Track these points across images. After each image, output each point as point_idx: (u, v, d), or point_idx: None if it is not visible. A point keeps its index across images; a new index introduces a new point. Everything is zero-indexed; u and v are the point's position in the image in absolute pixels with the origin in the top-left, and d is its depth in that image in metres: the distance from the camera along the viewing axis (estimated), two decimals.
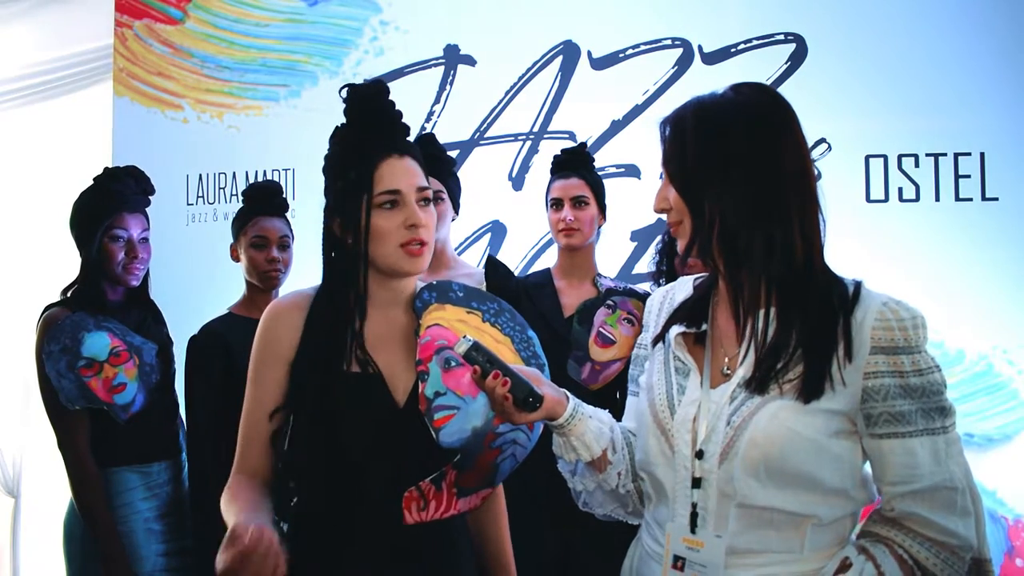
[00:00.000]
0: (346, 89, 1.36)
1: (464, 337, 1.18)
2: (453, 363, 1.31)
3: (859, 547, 1.09)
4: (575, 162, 2.32)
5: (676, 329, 1.21)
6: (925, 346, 1.07)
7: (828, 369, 1.06)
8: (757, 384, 1.09)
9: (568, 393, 1.22)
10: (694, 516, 1.12)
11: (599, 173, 2.94)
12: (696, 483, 1.11)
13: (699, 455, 1.11)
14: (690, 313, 1.21)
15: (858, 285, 1.11)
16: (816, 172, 1.15)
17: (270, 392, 1.31)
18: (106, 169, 2.24)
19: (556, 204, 2.28)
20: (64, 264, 2.52)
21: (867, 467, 1.12)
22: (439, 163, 2.34)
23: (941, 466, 1.05)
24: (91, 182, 2.17)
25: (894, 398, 1.05)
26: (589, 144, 2.98)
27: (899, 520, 1.08)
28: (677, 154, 1.15)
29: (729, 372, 1.14)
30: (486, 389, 1.17)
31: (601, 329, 2.19)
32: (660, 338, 1.24)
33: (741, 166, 1.09)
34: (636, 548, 1.26)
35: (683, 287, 1.30)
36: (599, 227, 2.33)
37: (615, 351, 2.19)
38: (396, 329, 1.35)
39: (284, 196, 2.34)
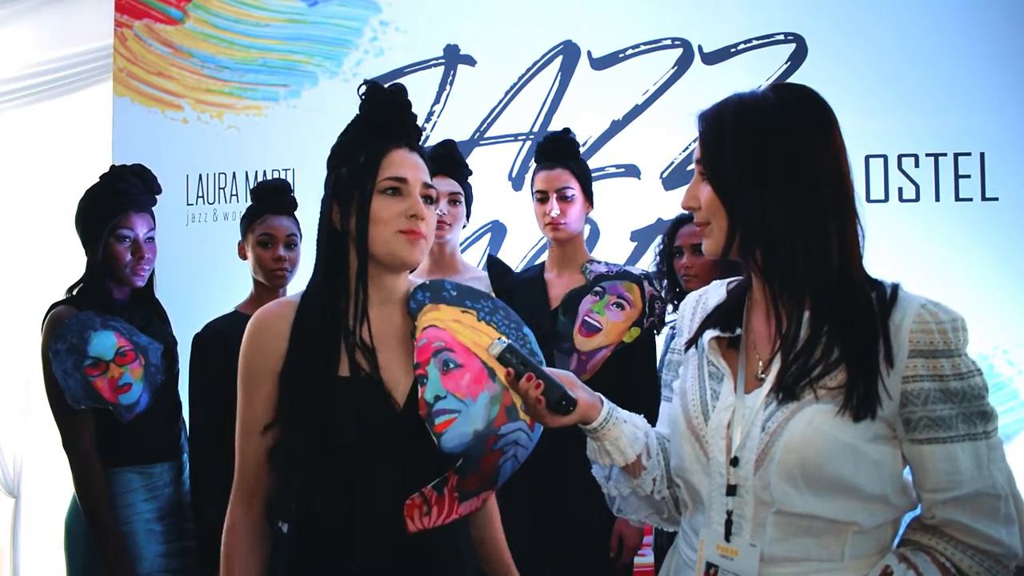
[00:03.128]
0: (365, 85, 1.35)
1: (499, 339, 1.17)
2: (452, 365, 1.29)
3: (900, 555, 1.06)
4: (560, 151, 2.22)
5: (710, 333, 1.19)
6: (966, 349, 1.05)
7: (877, 388, 1.03)
8: (790, 389, 1.07)
9: (602, 397, 1.21)
10: (729, 524, 1.10)
11: (599, 173, 2.97)
12: (731, 490, 1.10)
13: (734, 462, 1.09)
14: (724, 317, 1.19)
15: (895, 288, 1.09)
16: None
17: (260, 408, 1.29)
18: (112, 168, 2.23)
19: (541, 196, 2.20)
20: (65, 264, 2.52)
21: (907, 473, 1.09)
22: (459, 167, 2.34)
23: (983, 472, 1.02)
24: (97, 180, 2.16)
25: (934, 403, 1.02)
26: (589, 144, 2.99)
27: (940, 528, 1.05)
28: (716, 153, 1.11)
29: (763, 376, 1.12)
30: (519, 392, 1.15)
31: (586, 318, 2.13)
32: (693, 342, 1.22)
33: (782, 171, 1.07)
34: (673, 556, 1.24)
35: (716, 291, 1.27)
36: (587, 215, 2.25)
37: (601, 338, 2.13)
38: (391, 330, 1.32)
39: (293, 195, 2.33)
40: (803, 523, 1.06)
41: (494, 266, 2.40)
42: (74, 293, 2.13)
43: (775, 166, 1.08)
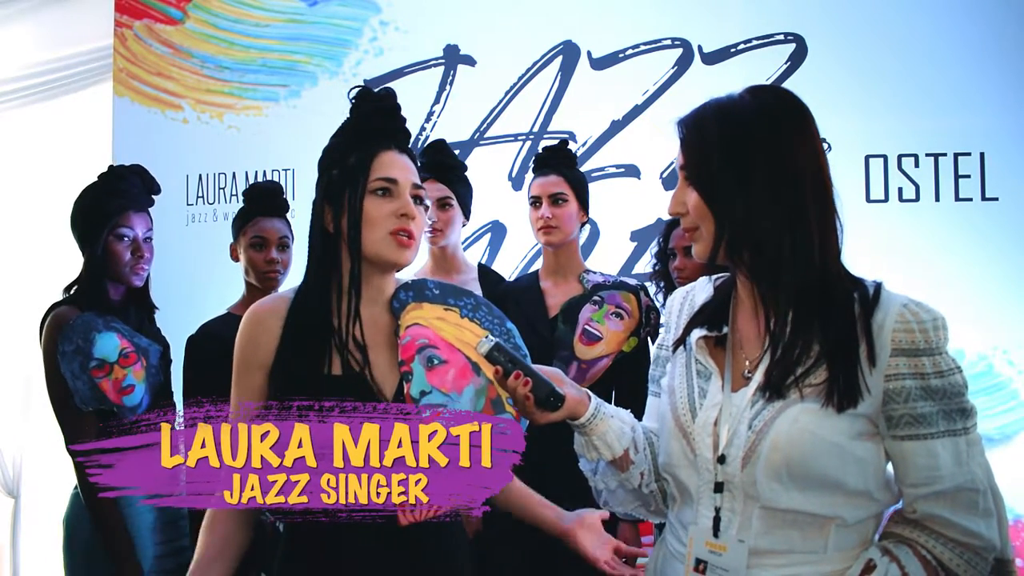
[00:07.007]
0: (356, 89, 1.39)
1: (486, 337, 1.19)
2: (436, 361, 1.32)
3: (882, 548, 1.08)
4: (554, 160, 2.27)
5: (697, 333, 1.20)
6: (946, 347, 1.07)
7: (858, 378, 1.05)
8: (776, 388, 1.08)
9: (590, 392, 1.22)
10: (717, 520, 1.12)
11: (599, 173, 2.97)
12: (719, 487, 1.12)
13: (721, 460, 1.11)
14: (711, 316, 1.21)
15: (878, 287, 1.10)
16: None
17: (248, 396, 1.32)
18: (111, 167, 2.23)
19: (535, 202, 2.23)
20: (64, 264, 2.51)
21: (890, 468, 1.12)
22: (449, 170, 2.34)
23: (963, 467, 1.05)
24: (96, 180, 2.16)
25: (915, 400, 1.05)
26: (589, 144, 3.00)
27: (921, 521, 1.08)
28: (700, 159, 1.13)
29: (750, 375, 1.13)
30: (508, 389, 1.17)
31: (587, 326, 2.15)
32: (681, 341, 1.24)
33: (766, 172, 1.08)
34: (660, 548, 1.26)
35: (703, 288, 1.29)
36: (582, 224, 2.28)
37: (602, 347, 2.14)
38: (378, 329, 1.35)
39: (285, 197, 2.34)
40: (788, 517, 1.08)
41: (486, 275, 2.40)
42: (71, 293, 2.13)
43: (759, 167, 1.09)
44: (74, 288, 2.13)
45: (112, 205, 2.09)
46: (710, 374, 1.18)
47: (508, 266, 3.02)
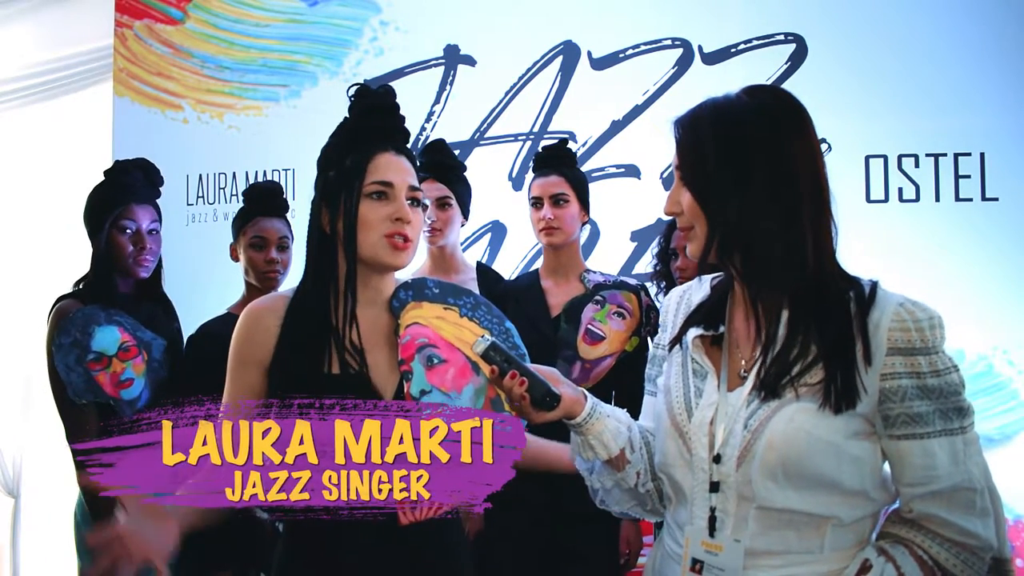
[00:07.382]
0: (354, 87, 1.38)
1: (482, 336, 1.19)
2: (435, 360, 1.32)
3: (879, 548, 1.08)
4: (555, 159, 2.26)
5: (693, 332, 1.20)
6: (942, 346, 1.06)
7: (855, 379, 1.05)
8: (771, 388, 1.08)
9: (586, 392, 1.22)
10: (712, 520, 1.12)
11: (599, 173, 2.97)
12: (714, 487, 1.11)
13: (717, 459, 1.11)
14: (707, 315, 1.20)
15: (874, 286, 1.10)
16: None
17: (240, 394, 1.32)
18: (115, 162, 2.26)
19: (536, 203, 2.23)
20: (65, 264, 2.52)
21: (887, 468, 1.11)
22: (449, 170, 2.34)
23: (959, 467, 1.05)
24: (102, 177, 2.18)
25: (911, 399, 1.04)
26: (589, 144, 3.00)
27: (918, 521, 1.08)
28: (695, 159, 1.12)
29: (746, 375, 1.13)
30: (504, 388, 1.17)
31: (590, 326, 2.15)
32: (677, 340, 1.24)
33: (763, 174, 1.08)
34: (658, 549, 1.26)
35: (700, 288, 1.29)
36: (583, 224, 2.28)
37: (605, 347, 2.15)
38: (378, 329, 1.35)
39: (284, 197, 2.34)
40: (784, 517, 1.08)
41: (484, 275, 2.40)
42: (80, 286, 2.14)
43: (757, 168, 1.08)
44: (83, 282, 2.15)
45: (114, 198, 2.13)
46: (706, 373, 1.17)
47: (508, 266, 3.02)
